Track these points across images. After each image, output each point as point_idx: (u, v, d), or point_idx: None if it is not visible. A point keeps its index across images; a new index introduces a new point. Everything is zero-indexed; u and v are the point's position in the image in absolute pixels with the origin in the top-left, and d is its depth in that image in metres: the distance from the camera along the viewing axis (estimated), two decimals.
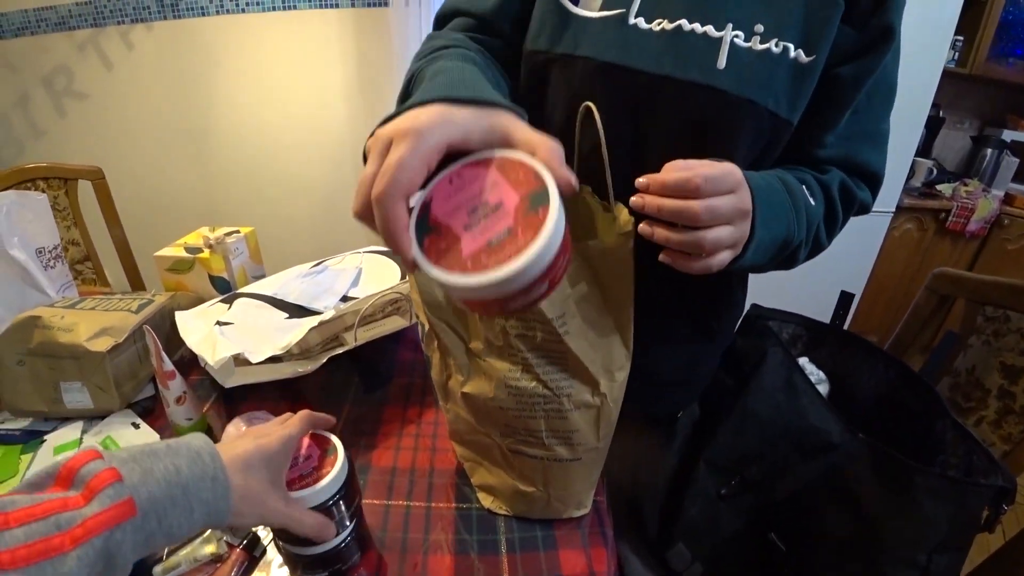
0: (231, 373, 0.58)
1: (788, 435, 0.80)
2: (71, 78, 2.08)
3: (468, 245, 0.30)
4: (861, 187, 0.61)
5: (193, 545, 0.52)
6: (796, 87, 0.53)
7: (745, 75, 0.52)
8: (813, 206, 0.55)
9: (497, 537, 0.52)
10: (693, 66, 0.52)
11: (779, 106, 0.53)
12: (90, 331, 0.68)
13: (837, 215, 0.60)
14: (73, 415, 0.69)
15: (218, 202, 2.20)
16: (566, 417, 0.46)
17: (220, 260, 0.85)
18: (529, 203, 0.30)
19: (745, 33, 0.52)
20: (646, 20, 0.53)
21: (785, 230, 0.51)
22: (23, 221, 0.80)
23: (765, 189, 0.49)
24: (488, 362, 0.45)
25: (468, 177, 0.33)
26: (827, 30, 0.52)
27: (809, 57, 0.52)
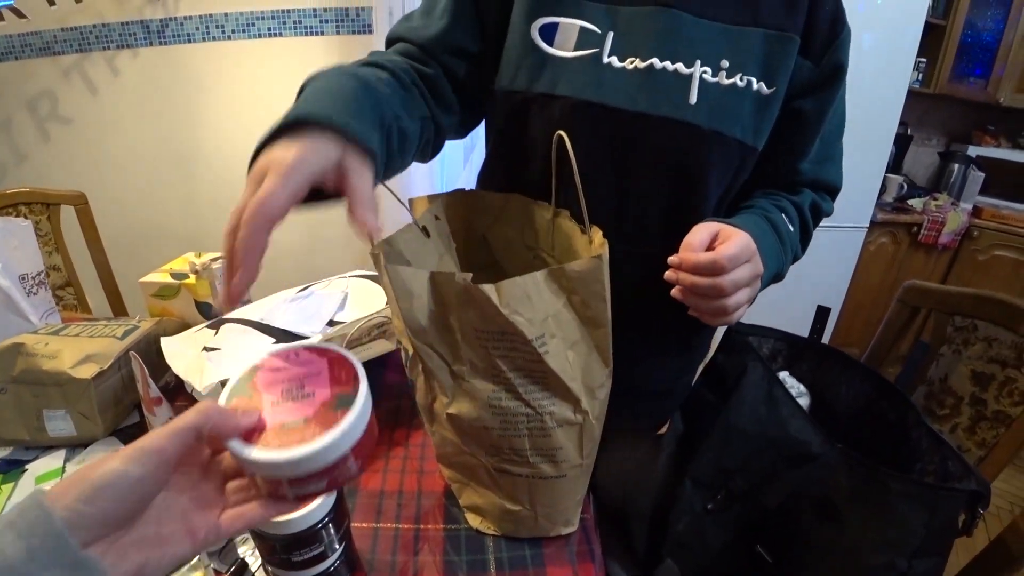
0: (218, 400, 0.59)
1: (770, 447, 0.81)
2: (55, 103, 2.07)
3: (264, 420, 0.31)
4: (825, 200, 0.70)
5: (180, 573, 0.51)
6: (760, 116, 0.58)
7: (715, 108, 0.56)
8: (792, 232, 0.64)
9: (486, 557, 0.53)
10: (666, 102, 0.55)
11: (745, 135, 0.58)
12: (75, 358, 0.68)
13: (809, 230, 0.70)
14: (56, 443, 0.69)
15: (202, 228, 2.19)
16: (549, 435, 0.47)
17: (206, 285, 0.85)
18: (336, 402, 0.32)
19: (712, 69, 0.55)
20: (619, 59, 0.56)
21: (776, 266, 0.61)
22: (7, 247, 0.80)
23: (763, 241, 0.56)
24: (472, 383, 0.46)
25: (303, 360, 0.35)
26: (784, 64, 0.57)
27: (770, 89, 0.57)
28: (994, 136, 2.44)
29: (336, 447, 0.30)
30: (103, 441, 0.69)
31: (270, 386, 0.33)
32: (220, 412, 0.31)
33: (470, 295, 0.41)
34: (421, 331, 0.44)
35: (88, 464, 0.27)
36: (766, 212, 0.63)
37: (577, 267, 0.43)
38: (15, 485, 0.64)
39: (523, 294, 0.42)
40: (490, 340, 0.43)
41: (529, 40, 0.58)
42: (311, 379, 0.33)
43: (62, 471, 0.65)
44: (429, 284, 0.43)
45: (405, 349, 0.50)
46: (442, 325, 0.44)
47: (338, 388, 0.33)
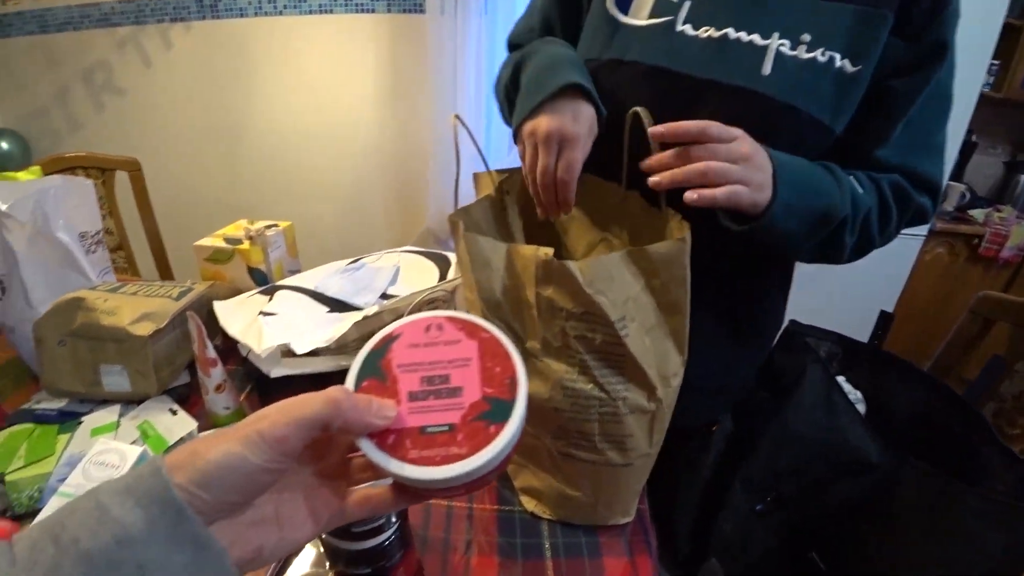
0: (277, 363, 0.58)
1: (826, 453, 0.78)
2: (110, 73, 2.12)
3: (402, 417, 0.26)
4: (919, 192, 0.61)
5: None
6: (841, 96, 0.54)
7: (790, 82, 0.53)
8: (861, 193, 0.56)
9: (541, 541, 0.51)
10: (738, 71, 0.54)
11: (822, 113, 0.54)
12: (133, 315, 0.68)
13: (891, 211, 0.59)
14: (111, 398, 0.69)
15: (247, 199, 2.23)
16: (621, 421, 0.45)
17: (259, 252, 0.86)
18: (489, 409, 0.26)
19: (791, 42, 0.53)
20: (693, 27, 0.55)
21: (825, 201, 0.53)
22: (68, 205, 0.81)
23: (788, 160, 0.52)
24: (545, 362, 0.44)
25: (447, 334, 0.29)
26: (873, 43, 0.53)
27: (855, 67, 0.53)
28: None
29: (487, 467, 0.26)
30: (157, 398, 0.69)
31: (408, 370, 0.28)
32: (353, 405, 0.26)
33: (551, 271, 0.40)
34: (496, 304, 0.43)
35: (205, 438, 0.25)
36: (816, 162, 0.56)
37: (661, 249, 0.41)
38: (71, 436, 0.64)
39: (606, 274, 0.40)
40: (569, 319, 0.42)
41: (604, 10, 0.59)
42: (458, 368, 0.28)
43: (116, 425, 0.66)
44: (506, 257, 0.41)
45: None
46: (517, 300, 0.43)
47: (491, 389, 0.27)
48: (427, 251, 0.87)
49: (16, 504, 0.55)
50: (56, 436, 0.65)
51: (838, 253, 0.59)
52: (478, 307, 0.45)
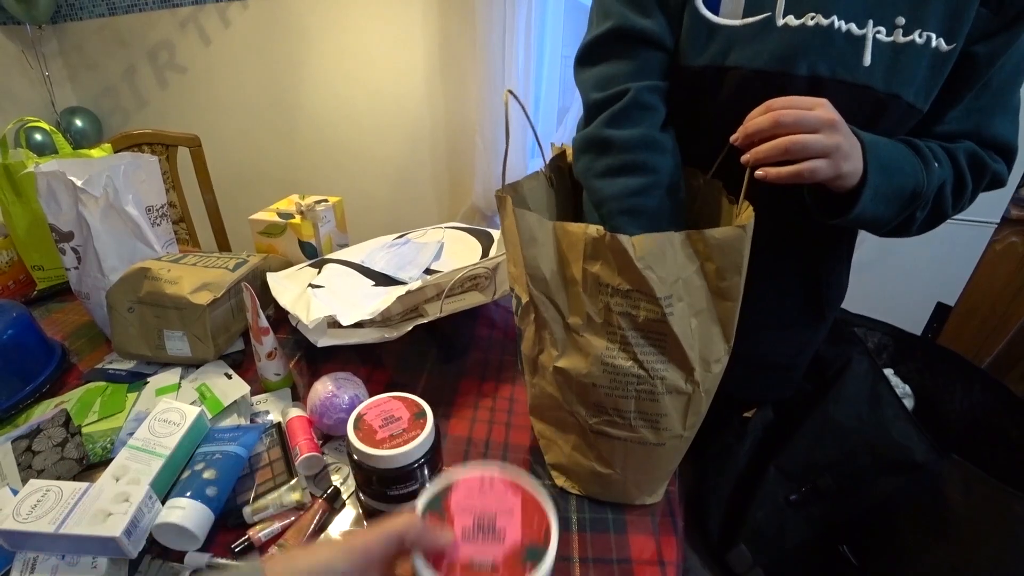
0: (323, 333, 0.61)
1: (868, 448, 0.76)
2: (173, 52, 2.21)
3: (455, 547, 0.32)
4: (995, 159, 0.58)
5: (280, 492, 0.55)
6: (934, 76, 0.52)
7: (891, 70, 0.52)
8: (938, 168, 0.54)
9: (569, 515, 0.52)
10: (841, 66, 0.52)
11: (918, 97, 0.53)
12: (192, 285, 0.73)
13: (966, 182, 0.56)
14: (173, 361, 0.75)
15: (301, 173, 2.30)
16: (657, 400, 0.46)
17: (310, 226, 0.89)
18: (526, 553, 0.31)
19: (887, 28, 0.51)
20: (796, 17, 0.53)
21: (913, 181, 0.52)
22: (136, 180, 0.87)
23: (875, 140, 0.50)
24: (585, 338, 0.45)
25: (497, 490, 0.35)
26: (967, 16, 0.50)
27: (950, 45, 0.51)
28: None
29: None
30: (214, 363, 0.74)
31: (463, 512, 0.34)
32: (424, 527, 0.32)
33: (602, 246, 0.40)
34: (542, 280, 0.44)
35: (303, 549, 0.31)
36: (898, 137, 0.55)
37: (719, 234, 0.41)
38: (139, 394, 0.70)
39: (659, 250, 0.40)
40: (614, 295, 0.42)
41: (695, 12, 0.55)
42: (504, 516, 0.33)
43: (178, 386, 0.71)
44: (553, 233, 0.42)
45: (517, 296, 0.50)
46: (562, 276, 0.44)
47: (530, 536, 0.32)
48: (471, 227, 0.89)
49: (91, 453, 0.61)
50: (125, 394, 0.70)
51: (907, 228, 0.57)
52: (523, 282, 0.46)
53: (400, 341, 0.66)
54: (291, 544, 0.50)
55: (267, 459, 0.60)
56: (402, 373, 0.72)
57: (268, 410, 0.68)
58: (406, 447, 0.43)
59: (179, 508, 0.49)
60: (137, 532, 0.47)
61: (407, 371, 0.72)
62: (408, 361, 0.74)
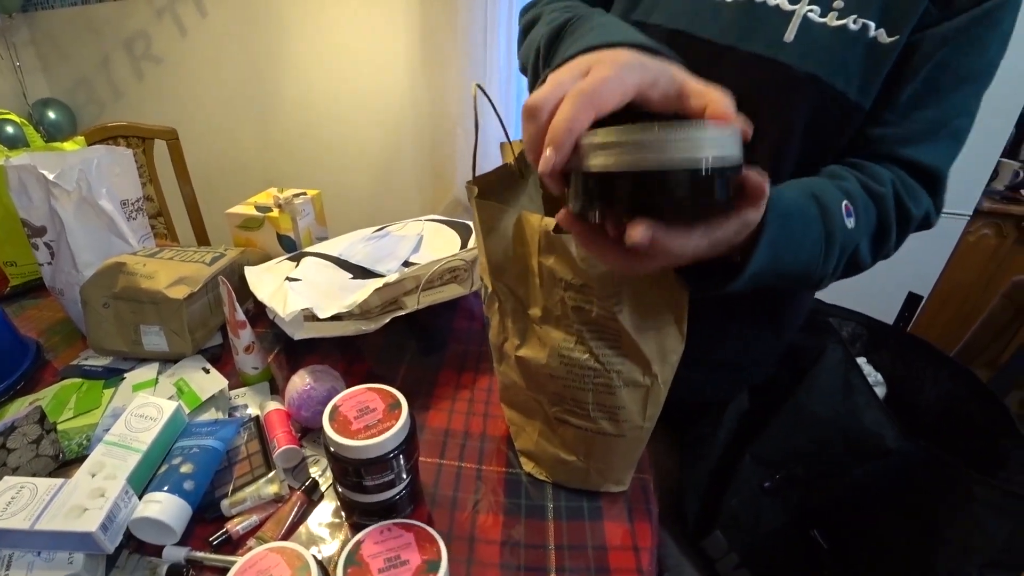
0: (300, 327, 0.61)
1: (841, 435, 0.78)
2: (149, 43, 2.17)
3: None
4: (919, 199, 0.53)
5: (258, 484, 0.55)
6: (871, 68, 0.49)
7: (815, 50, 0.49)
8: (852, 228, 0.47)
9: (544, 504, 0.53)
10: (759, 38, 0.51)
11: (848, 86, 0.49)
12: (169, 279, 0.72)
13: (889, 233, 0.52)
14: (150, 357, 0.74)
15: (280, 166, 2.28)
16: (614, 393, 0.46)
17: (288, 220, 0.89)
18: (426, 567, 0.42)
19: (822, 8, 0.49)
20: None
21: (805, 263, 0.44)
22: (111, 174, 0.85)
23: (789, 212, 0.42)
24: (544, 329, 0.45)
25: (394, 532, 0.45)
26: (912, 10, 0.48)
27: (891, 37, 0.48)
28: None
29: None
30: (192, 358, 0.74)
31: (374, 557, 0.43)
32: None
33: (552, 241, 0.41)
34: (501, 270, 0.44)
35: None
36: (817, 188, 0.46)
37: None
38: (115, 390, 0.69)
39: None
40: (568, 289, 0.43)
41: None
42: (404, 549, 0.44)
43: (155, 382, 0.71)
44: (516, 224, 0.42)
45: (485, 286, 0.50)
46: (523, 267, 0.44)
47: (427, 555, 0.43)
48: (451, 220, 0.89)
49: (67, 450, 0.60)
50: (102, 390, 0.70)
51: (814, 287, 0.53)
52: (487, 270, 0.46)
53: (379, 333, 0.66)
54: (269, 537, 0.51)
55: (245, 452, 0.60)
56: (381, 365, 0.72)
57: (246, 404, 0.68)
58: (381, 437, 0.43)
59: (156, 502, 0.49)
60: (113, 527, 0.47)
61: (386, 363, 0.73)
62: (387, 353, 0.74)
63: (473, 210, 0.44)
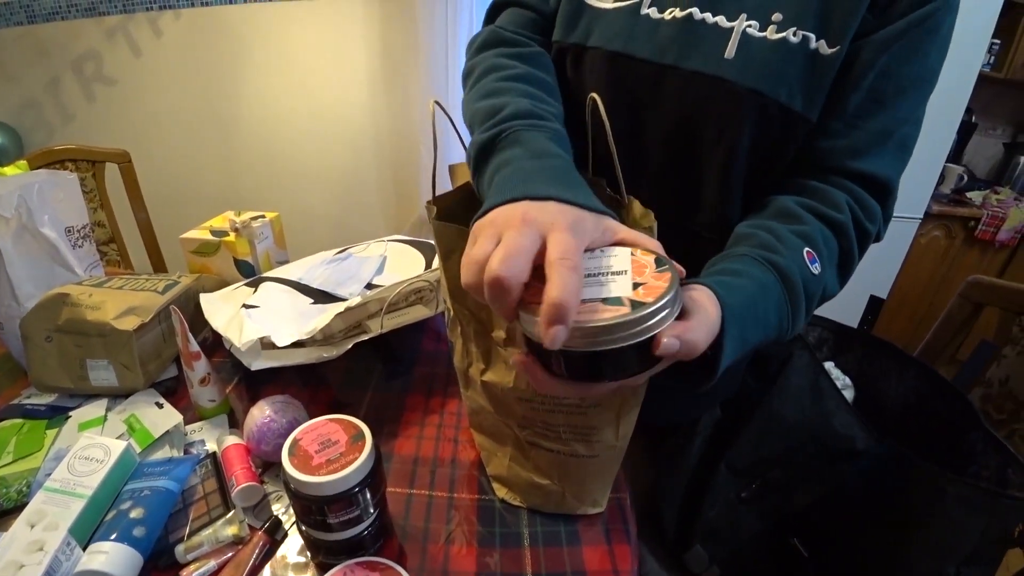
0: (257, 356, 0.58)
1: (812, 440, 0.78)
2: (100, 63, 2.10)
3: None
4: (874, 216, 0.53)
5: (215, 526, 0.52)
6: (815, 80, 0.49)
7: (754, 65, 0.49)
8: (816, 276, 0.48)
9: (520, 530, 0.51)
10: (698, 55, 0.51)
11: (792, 99, 0.49)
12: (117, 310, 0.68)
13: (854, 260, 0.53)
14: (98, 392, 0.70)
15: (240, 188, 2.22)
16: (585, 413, 0.45)
17: (245, 244, 0.85)
18: None
19: (760, 22, 0.49)
20: (658, 10, 0.53)
21: (766, 335, 0.44)
22: (54, 200, 0.81)
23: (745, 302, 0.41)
24: (509, 351, 0.44)
25: (358, 572, 0.45)
26: (853, 19, 0.48)
27: (832, 48, 0.48)
28: None
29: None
30: (144, 392, 0.70)
31: None
32: None
33: None
34: (461, 293, 0.43)
35: None
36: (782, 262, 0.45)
37: None
38: (59, 431, 0.65)
39: None
40: None
41: None
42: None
43: (104, 419, 0.67)
44: None
45: (448, 309, 0.48)
46: None
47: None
48: (414, 240, 0.87)
49: (5, 499, 0.56)
50: (44, 431, 0.65)
51: None
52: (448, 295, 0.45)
53: (344, 359, 0.64)
54: None
55: (202, 492, 0.56)
56: (346, 392, 0.69)
57: (203, 439, 0.64)
58: (344, 472, 0.41)
59: (102, 553, 0.46)
60: None
61: (351, 390, 0.70)
62: (352, 379, 0.72)
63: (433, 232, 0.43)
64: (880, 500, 0.71)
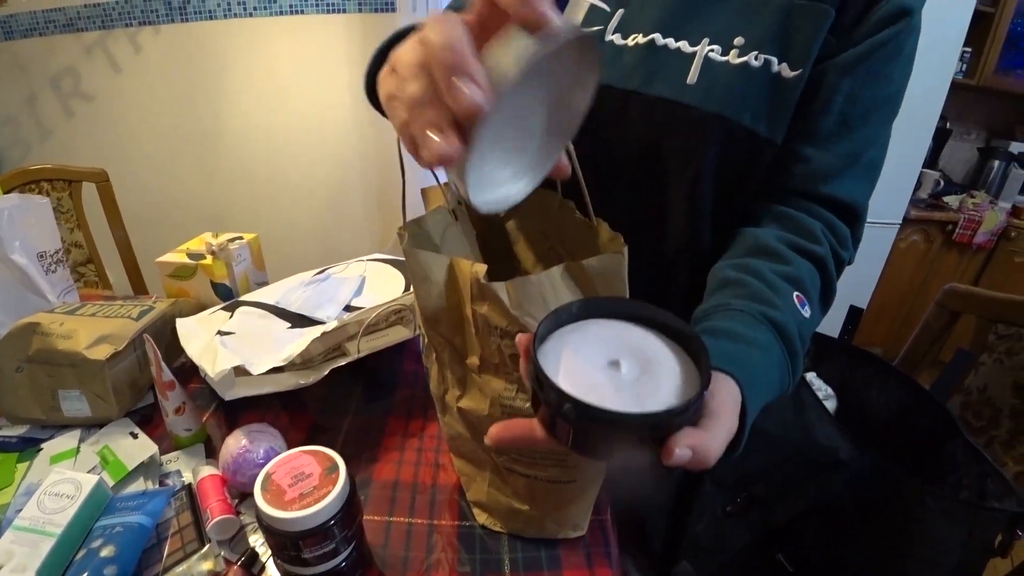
0: (232, 385, 0.57)
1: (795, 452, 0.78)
2: (78, 80, 2.08)
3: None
4: (847, 244, 0.54)
5: (190, 561, 0.51)
6: (779, 103, 0.49)
7: (717, 90, 0.49)
8: (808, 319, 0.47)
9: (501, 557, 0.51)
10: (661, 81, 0.51)
11: (756, 123, 0.50)
12: (89, 338, 0.67)
13: (834, 289, 0.53)
14: (71, 423, 0.68)
15: (223, 206, 2.20)
16: None
17: (223, 266, 0.84)
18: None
19: (723, 47, 0.50)
20: (622, 36, 0.53)
21: (780, 386, 0.45)
22: (25, 225, 0.80)
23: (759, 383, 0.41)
24: (484, 378, 0.43)
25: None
26: (814, 42, 0.48)
27: (794, 72, 0.48)
28: None
29: None
30: (118, 422, 0.68)
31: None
32: None
33: (483, 289, 0.39)
34: (435, 320, 0.42)
35: None
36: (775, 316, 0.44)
37: (596, 263, 0.39)
38: (30, 464, 0.63)
39: (537, 294, 0.39)
40: (504, 336, 0.41)
41: None
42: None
43: (76, 451, 0.65)
44: (448, 271, 0.41)
45: (423, 335, 0.48)
46: (457, 315, 0.42)
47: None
48: (394, 259, 0.87)
49: None
50: (15, 464, 0.63)
51: None
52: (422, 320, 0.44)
53: (324, 383, 0.63)
54: None
55: (177, 525, 0.55)
56: (325, 417, 0.68)
57: (179, 469, 0.63)
58: (317, 506, 0.40)
59: None
60: None
61: (330, 415, 0.69)
62: (332, 404, 0.71)
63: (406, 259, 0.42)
64: (864, 513, 0.71)
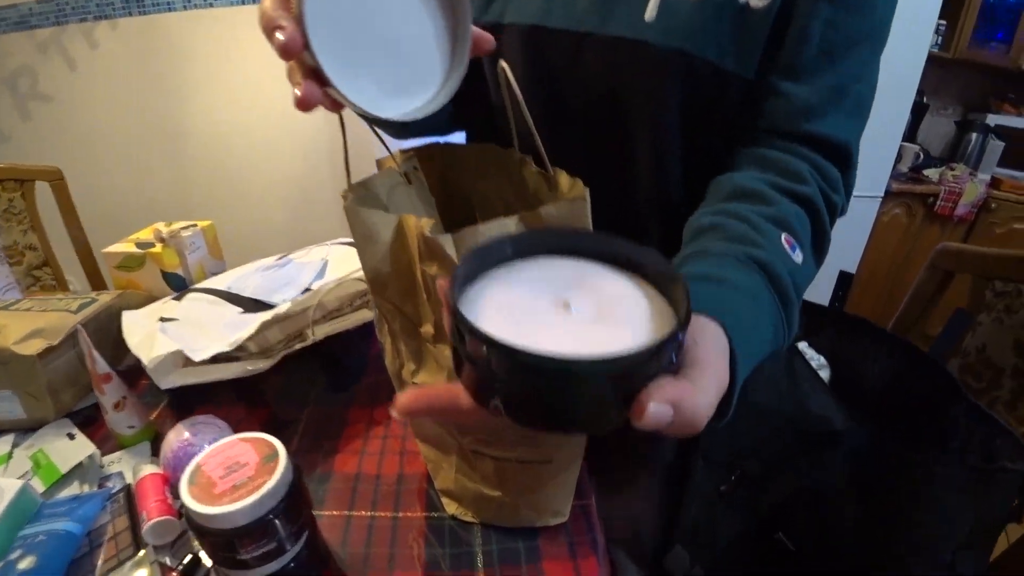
0: (168, 373, 0.52)
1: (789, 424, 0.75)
2: (35, 79, 1.99)
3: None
4: (838, 187, 0.49)
5: (124, 568, 0.45)
6: (747, 35, 0.45)
7: (677, 25, 0.45)
8: (800, 265, 0.42)
9: (473, 550, 0.46)
10: (617, 21, 0.48)
11: (723, 57, 0.45)
12: (20, 333, 0.61)
13: (827, 235, 0.48)
14: (4, 427, 0.62)
15: (188, 202, 2.12)
16: None
17: (173, 255, 0.78)
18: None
19: None
20: None
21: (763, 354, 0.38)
22: None
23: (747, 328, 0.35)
24: (439, 348, 0.38)
25: None
26: None
27: (763, 1, 0.44)
28: (1014, 105, 2.33)
29: None
30: (55, 424, 0.62)
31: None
32: None
33: (431, 247, 0.34)
34: (382, 285, 0.37)
35: None
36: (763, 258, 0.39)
37: (555, 210, 0.34)
38: None
39: None
40: None
41: None
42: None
43: (9, 456, 0.59)
44: (396, 230, 0.36)
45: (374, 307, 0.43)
46: (408, 280, 0.37)
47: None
48: None
49: None
50: None
51: None
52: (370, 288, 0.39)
53: (283, 372, 0.58)
54: None
55: (112, 531, 0.49)
56: (284, 408, 0.63)
57: (122, 471, 0.57)
58: (250, 498, 0.35)
59: None
60: None
61: (290, 405, 0.64)
62: (292, 394, 0.65)
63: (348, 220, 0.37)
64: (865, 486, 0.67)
